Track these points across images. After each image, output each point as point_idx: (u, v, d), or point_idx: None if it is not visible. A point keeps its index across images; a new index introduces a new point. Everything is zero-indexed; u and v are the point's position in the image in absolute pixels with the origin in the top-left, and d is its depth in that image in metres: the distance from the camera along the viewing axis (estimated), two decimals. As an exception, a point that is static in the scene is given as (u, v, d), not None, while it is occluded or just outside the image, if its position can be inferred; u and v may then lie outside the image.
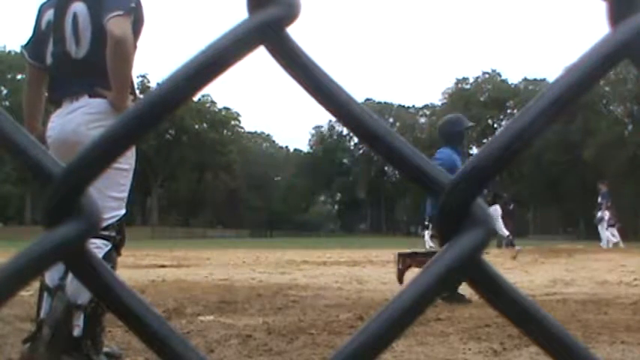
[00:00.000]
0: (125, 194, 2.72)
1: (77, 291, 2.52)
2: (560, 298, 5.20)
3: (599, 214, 17.15)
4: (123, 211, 2.72)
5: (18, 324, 3.62)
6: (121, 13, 2.57)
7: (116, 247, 2.65)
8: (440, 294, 0.34)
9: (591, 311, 4.30)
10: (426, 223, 25.14)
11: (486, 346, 3.08)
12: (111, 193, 2.59)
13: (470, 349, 3.04)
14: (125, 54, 2.57)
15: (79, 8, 2.68)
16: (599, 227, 17.23)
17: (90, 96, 2.66)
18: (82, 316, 2.54)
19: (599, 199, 17.42)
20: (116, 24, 2.55)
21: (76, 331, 2.54)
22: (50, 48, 2.77)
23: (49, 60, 2.79)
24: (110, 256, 2.57)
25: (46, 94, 2.87)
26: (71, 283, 2.53)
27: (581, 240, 33.37)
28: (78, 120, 2.64)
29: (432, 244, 22.27)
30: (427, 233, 24.13)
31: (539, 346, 0.36)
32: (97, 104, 2.65)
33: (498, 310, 0.36)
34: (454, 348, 3.09)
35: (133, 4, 2.64)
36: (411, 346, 3.05)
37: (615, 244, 21.32)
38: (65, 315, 2.53)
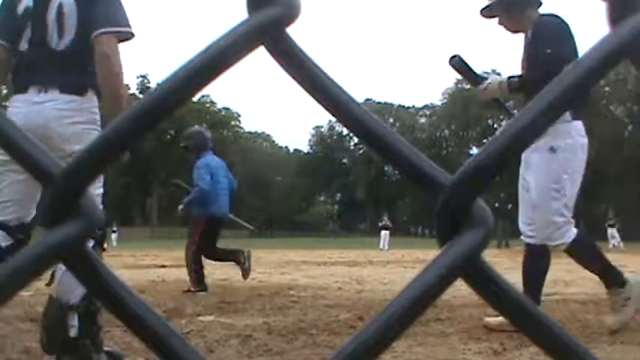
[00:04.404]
0: (100, 190, 2.68)
1: (67, 291, 2.50)
2: (560, 298, 5.19)
3: None
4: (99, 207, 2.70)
5: (18, 324, 3.62)
6: (111, 30, 2.59)
7: (99, 243, 2.62)
8: (440, 294, 0.34)
9: (591, 311, 4.30)
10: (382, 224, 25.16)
11: (486, 346, 3.07)
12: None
13: (470, 349, 3.04)
14: (113, 70, 2.60)
15: (65, 0, 2.65)
16: None
17: (60, 90, 2.61)
18: (75, 316, 2.53)
19: None
20: (105, 42, 2.57)
21: (73, 332, 2.53)
22: (28, 34, 2.69)
23: (24, 46, 2.70)
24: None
25: (11, 76, 2.79)
26: (60, 284, 2.52)
27: (581, 240, 33.23)
28: (47, 114, 2.58)
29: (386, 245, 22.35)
30: (385, 233, 24.23)
31: (538, 346, 0.36)
32: (67, 100, 2.61)
33: (498, 310, 0.36)
34: (454, 348, 3.09)
35: (127, 24, 2.66)
36: (411, 346, 3.05)
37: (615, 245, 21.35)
38: (58, 317, 2.52)
